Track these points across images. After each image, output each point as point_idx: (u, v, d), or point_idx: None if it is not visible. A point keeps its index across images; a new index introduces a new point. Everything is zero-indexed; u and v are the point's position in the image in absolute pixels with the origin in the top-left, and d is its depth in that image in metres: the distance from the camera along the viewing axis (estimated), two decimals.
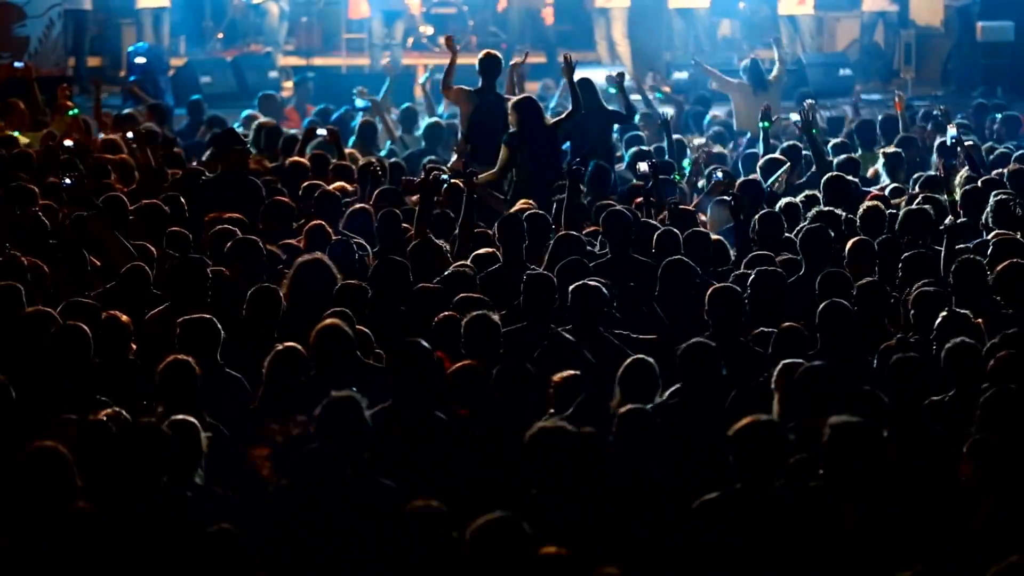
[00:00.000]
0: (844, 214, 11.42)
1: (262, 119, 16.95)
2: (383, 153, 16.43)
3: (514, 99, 13.63)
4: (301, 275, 9.40)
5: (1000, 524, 6.58)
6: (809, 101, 14.67)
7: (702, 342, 8.09)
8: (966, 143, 14.18)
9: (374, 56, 23.36)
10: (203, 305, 9.13)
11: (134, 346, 8.72)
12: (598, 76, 14.97)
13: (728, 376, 8.13)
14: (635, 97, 17.28)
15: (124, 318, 8.74)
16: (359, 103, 18.38)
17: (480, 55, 14.51)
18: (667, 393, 8.08)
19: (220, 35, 24.02)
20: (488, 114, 13.91)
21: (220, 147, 12.46)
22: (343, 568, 6.58)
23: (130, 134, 14.38)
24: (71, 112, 15.33)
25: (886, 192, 13.18)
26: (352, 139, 17.03)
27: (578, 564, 5.87)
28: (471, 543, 5.94)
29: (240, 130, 17.14)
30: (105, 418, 7.36)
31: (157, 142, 13.81)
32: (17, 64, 17.90)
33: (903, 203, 12.14)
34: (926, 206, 11.33)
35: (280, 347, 8.17)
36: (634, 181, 13.43)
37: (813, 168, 13.80)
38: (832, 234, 10.49)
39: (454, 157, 14.32)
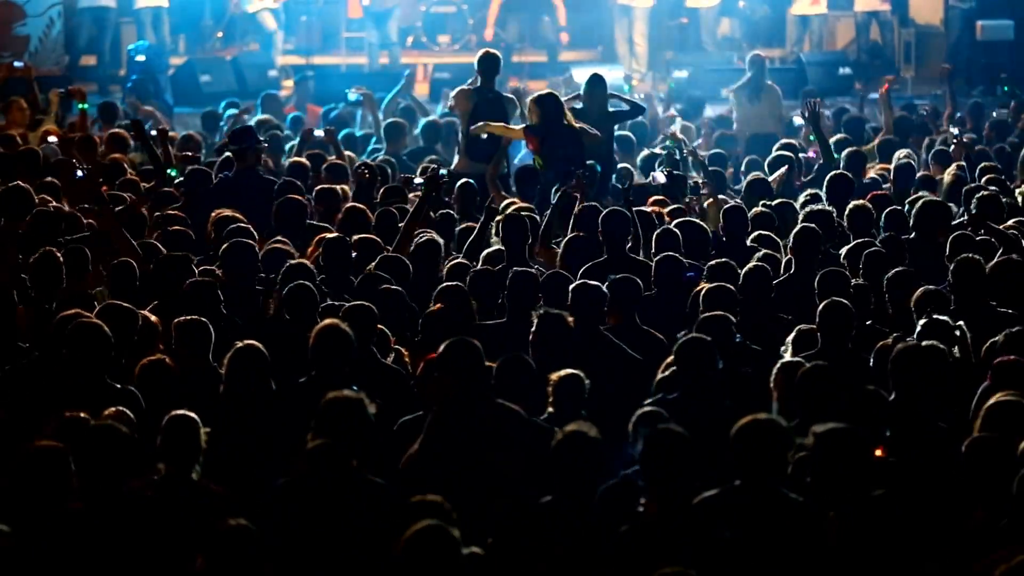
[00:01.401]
0: (834, 211, 11.42)
1: (261, 116, 16.98)
2: (369, 149, 16.45)
3: (536, 93, 13.76)
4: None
5: (998, 525, 6.57)
6: (815, 100, 14.74)
7: (698, 337, 8.11)
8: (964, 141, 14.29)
9: (372, 56, 23.35)
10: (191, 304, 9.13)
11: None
12: (605, 75, 14.91)
13: (724, 372, 8.14)
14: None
15: (154, 318, 8.73)
16: (351, 97, 18.42)
17: (479, 53, 14.53)
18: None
19: (219, 34, 24.01)
20: (486, 110, 13.96)
21: (238, 145, 12.42)
22: (342, 565, 6.59)
23: (154, 132, 14.38)
24: (81, 106, 15.33)
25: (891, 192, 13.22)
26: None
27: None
28: (402, 550, 5.92)
29: (226, 128, 17.22)
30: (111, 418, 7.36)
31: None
32: (16, 64, 17.89)
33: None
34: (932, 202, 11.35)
35: (239, 345, 8.08)
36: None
37: (819, 163, 13.89)
38: (822, 234, 10.47)
39: (456, 157, 14.38)
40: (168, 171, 12.86)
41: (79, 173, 11.48)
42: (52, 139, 13.60)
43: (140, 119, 14.99)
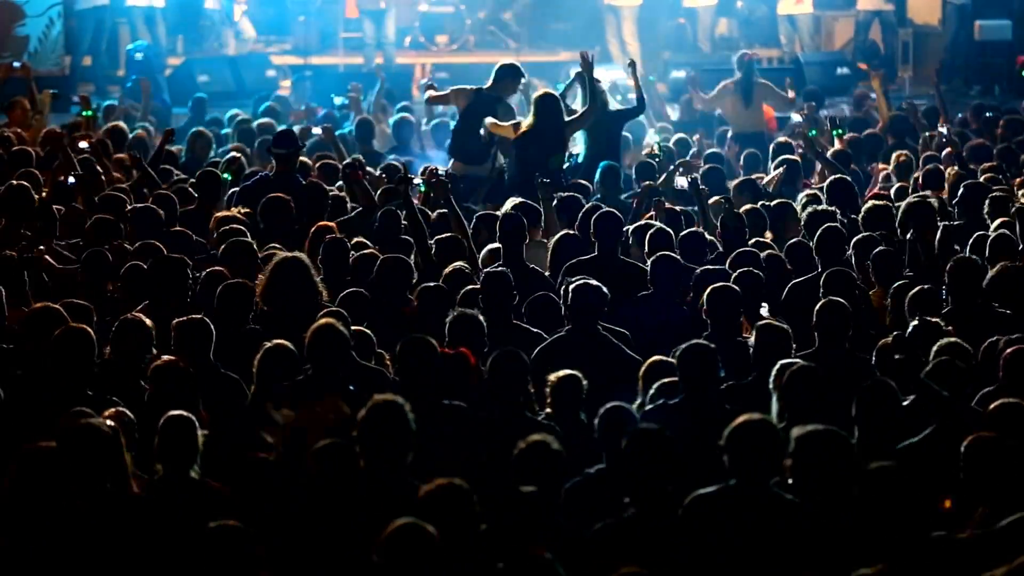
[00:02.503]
0: (837, 211, 11.43)
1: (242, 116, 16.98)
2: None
3: (537, 93, 13.86)
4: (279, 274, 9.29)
5: (997, 526, 6.59)
6: (810, 104, 14.80)
7: (700, 343, 8.10)
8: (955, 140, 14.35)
9: (368, 56, 23.36)
10: (183, 304, 9.17)
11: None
12: (603, 75, 14.93)
13: (727, 376, 8.18)
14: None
15: (149, 322, 8.74)
16: (337, 101, 18.44)
17: (502, 63, 14.65)
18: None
19: None
20: (476, 109, 14.09)
21: (284, 149, 12.45)
22: (347, 565, 6.60)
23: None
24: (86, 112, 15.35)
25: (892, 192, 13.23)
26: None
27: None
28: (381, 548, 5.93)
29: (228, 130, 17.23)
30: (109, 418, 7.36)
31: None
32: (15, 64, 17.89)
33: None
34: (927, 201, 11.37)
35: (270, 344, 8.11)
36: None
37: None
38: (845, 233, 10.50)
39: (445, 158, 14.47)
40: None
41: (71, 180, 11.49)
42: (83, 144, 13.63)
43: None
